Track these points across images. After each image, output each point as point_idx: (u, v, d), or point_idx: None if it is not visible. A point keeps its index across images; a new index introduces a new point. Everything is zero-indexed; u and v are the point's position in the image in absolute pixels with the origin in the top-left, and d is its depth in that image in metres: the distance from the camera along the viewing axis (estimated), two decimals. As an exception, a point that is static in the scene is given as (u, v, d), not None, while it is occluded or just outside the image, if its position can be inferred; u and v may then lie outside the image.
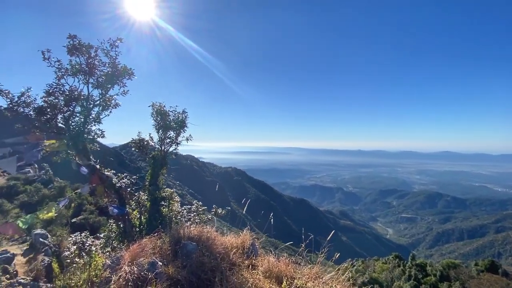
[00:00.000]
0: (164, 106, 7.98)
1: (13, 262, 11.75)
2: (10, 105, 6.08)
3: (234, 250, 4.77)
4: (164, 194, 7.68)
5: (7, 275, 6.63)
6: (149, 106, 8.00)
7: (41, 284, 10.42)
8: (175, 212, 7.94)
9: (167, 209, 7.66)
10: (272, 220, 6.03)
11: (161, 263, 4.17)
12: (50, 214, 5.63)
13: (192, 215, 7.96)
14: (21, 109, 6.21)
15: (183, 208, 8.34)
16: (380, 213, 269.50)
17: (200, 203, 8.38)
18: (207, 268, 4.19)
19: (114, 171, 7.37)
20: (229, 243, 5.00)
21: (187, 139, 8.42)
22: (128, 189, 7.47)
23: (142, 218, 7.61)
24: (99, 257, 3.69)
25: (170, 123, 7.96)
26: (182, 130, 8.23)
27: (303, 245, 4.70)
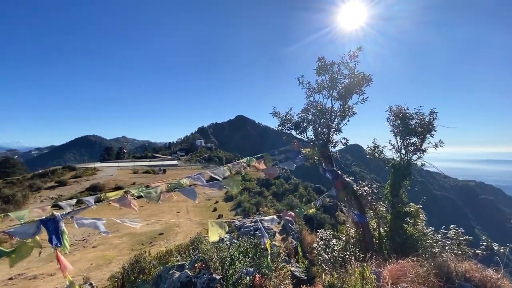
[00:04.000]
0: (407, 109, 7.05)
1: (275, 237, 16.08)
2: (281, 123, 8.25)
3: None
4: (408, 209, 6.72)
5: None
6: (386, 111, 7.47)
7: (292, 260, 13.30)
8: (421, 233, 6.66)
9: (412, 228, 6.61)
10: None
11: (432, 301, 3.40)
12: (312, 210, 6.89)
13: (449, 243, 6.24)
14: (286, 125, 8.21)
15: (430, 229, 6.81)
16: None
17: (461, 229, 6.37)
18: None
19: (352, 178, 7.62)
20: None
21: (435, 146, 6.85)
22: (369, 198, 7.38)
23: (381, 230, 7.16)
24: (369, 272, 3.67)
25: (413, 127, 6.87)
26: (429, 135, 6.82)
27: None
